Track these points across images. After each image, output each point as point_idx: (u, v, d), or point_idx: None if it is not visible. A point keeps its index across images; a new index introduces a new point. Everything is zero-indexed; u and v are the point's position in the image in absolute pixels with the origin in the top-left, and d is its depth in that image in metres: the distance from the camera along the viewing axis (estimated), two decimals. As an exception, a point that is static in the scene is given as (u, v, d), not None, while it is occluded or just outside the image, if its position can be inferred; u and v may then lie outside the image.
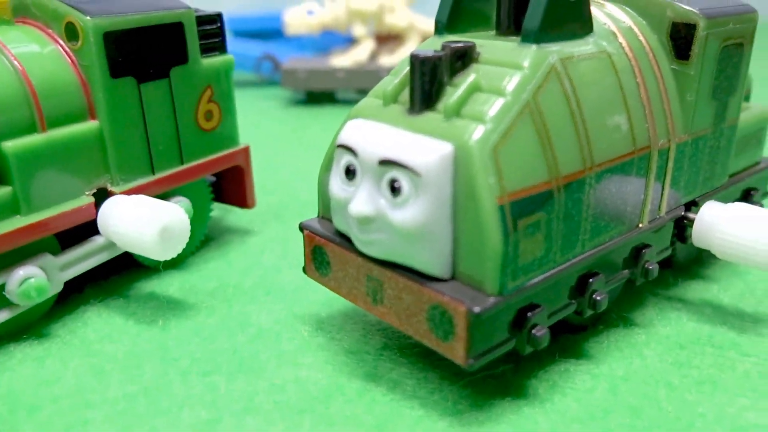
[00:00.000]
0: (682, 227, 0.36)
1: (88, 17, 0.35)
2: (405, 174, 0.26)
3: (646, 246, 0.34)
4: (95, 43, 0.35)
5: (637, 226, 0.33)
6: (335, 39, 1.05)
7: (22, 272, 0.34)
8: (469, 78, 0.28)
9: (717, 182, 0.38)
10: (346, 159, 0.29)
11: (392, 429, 0.28)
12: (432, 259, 0.27)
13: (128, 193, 0.38)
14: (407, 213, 0.26)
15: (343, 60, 0.95)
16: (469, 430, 0.28)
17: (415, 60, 0.28)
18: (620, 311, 0.37)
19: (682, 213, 0.36)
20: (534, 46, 0.28)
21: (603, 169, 0.29)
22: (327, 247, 0.32)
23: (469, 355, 0.26)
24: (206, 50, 0.42)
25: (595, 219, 0.30)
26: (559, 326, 0.35)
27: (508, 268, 0.26)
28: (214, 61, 0.43)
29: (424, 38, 1.01)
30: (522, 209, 0.26)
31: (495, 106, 0.26)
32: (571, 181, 0.28)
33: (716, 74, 0.34)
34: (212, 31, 0.43)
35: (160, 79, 0.39)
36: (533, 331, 0.28)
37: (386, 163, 0.27)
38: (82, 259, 0.37)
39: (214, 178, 0.48)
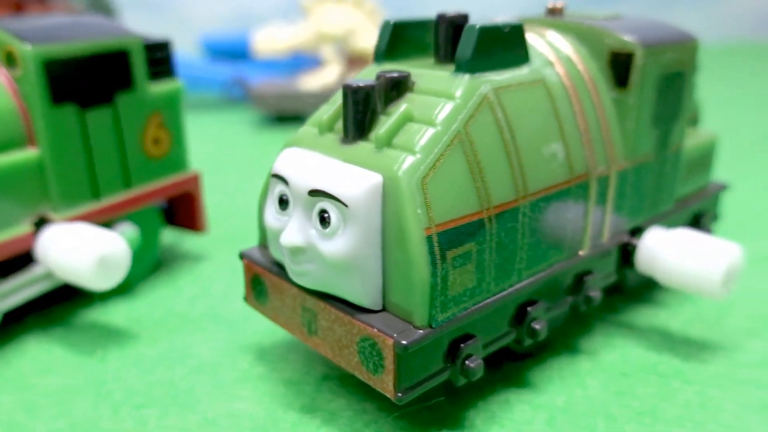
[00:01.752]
0: (627, 253, 0.36)
1: (28, 46, 0.35)
2: (333, 205, 0.26)
3: (589, 273, 0.34)
4: (35, 71, 0.35)
5: (578, 253, 0.33)
6: (306, 60, 1.05)
7: (-47, 304, 0.33)
8: (401, 108, 0.27)
9: (663, 207, 0.38)
10: (279, 188, 0.29)
11: (325, 464, 0.27)
12: (362, 291, 0.27)
13: (72, 220, 0.38)
14: (336, 244, 0.26)
15: (311, 82, 0.96)
16: (404, 465, 0.27)
17: (347, 89, 0.27)
18: (566, 338, 0.36)
19: (627, 239, 0.36)
20: (467, 76, 0.28)
21: (538, 198, 0.29)
22: (264, 276, 0.31)
23: (398, 389, 0.26)
24: (154, 76, 0.42)
25: (532, 248, 0.30)
26: (503, 354, 0.34)
27: (437, 300, 0.26)
28: (162, 87, 0.43)
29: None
30: (451, 240, 0.26)
31: (425, 136, 0.26)
32: (503, 210, 0.28)
33: (656, 102, 0.34)
34: (161, 57, 0.43)
35: (104, 105, 0.39)
36: (467, 362, 0.28)
37: (316, 193, 0.27)
38: (21, 289, 0.36)
39: (165, 204, 0.47)
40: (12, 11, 0.74)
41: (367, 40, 0.97)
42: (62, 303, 0.41)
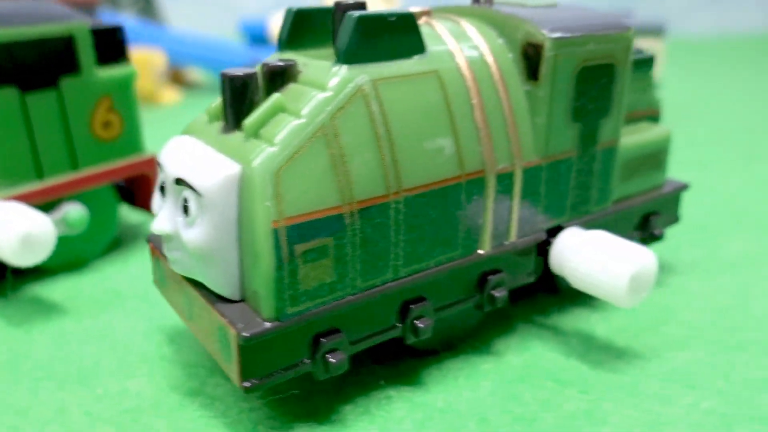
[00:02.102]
0: (545, 252, 0.35)
1: (-38, 29, 0.36)
2: (192, 194, 0.26)
3: (495, 272, 0.33)
4: (-29, 54, 0.37)
5: (477, 251, 0.32)
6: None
7: None
8: (273, 98, 0.27)
9: (594, 207, 0.36)
10: (161, 175, 0.29)
11: (187, 448, 0.28)
12: (220, 280, 0.27)
13: (13, 198, 0.39)
14: (193, 233, 0.26)
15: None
16: (264, 455, 0.27)
17: (224, 78, 0.27)
18: (480, 338, 0.35)
19: (544, 238, 0.34)
20: (344, 67, 0.27)
21: (416, 194, 0.28)
22: (161, 261, 0.32)
23: (243, 378, 0.26)
24: (104, 61, 0.43)
25: (412, 244, 0.29)
26: (405, 349, 0.34)
27: (285, 293, 0.26)
28: (113, 71, 0.44)
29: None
30: (302, 234, 0.25)
31: (287, 128, 0.26)
32: (369, 206, 0.27)
33: (575, 96, 0.32)
34: (112, 42, 0.44)
35: (47, 89, 0.40)
36: (328, 357, 0.27)
37: (179, 181, 0.27)
38: (-40, 261, 0.39)
39: (122, 184, 0.48)
40: None
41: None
42: (15, 276, 0.43)
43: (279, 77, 0.28)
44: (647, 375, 0.32)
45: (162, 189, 0.29)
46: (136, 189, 0.48)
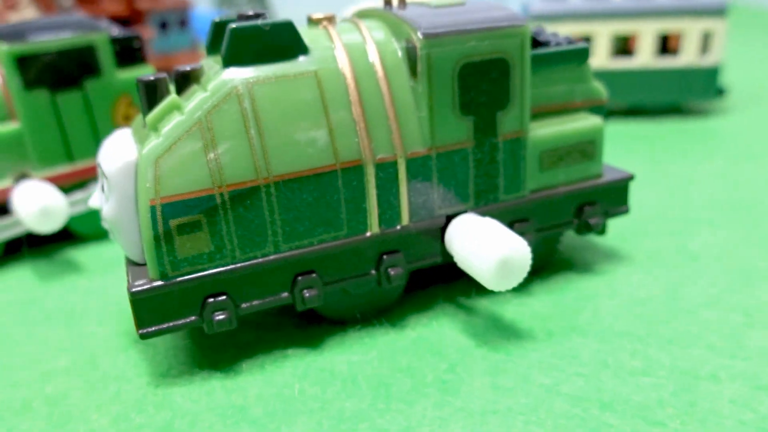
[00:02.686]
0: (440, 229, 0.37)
1: (4, 46, 0.46)
2: (104, 177, 0.33)
3: (392, 252, 0.36)
4: (9, 65, 0.46)
5: (365, 233, 0.35)
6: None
7: (-49, 234, 0.46)
8: (169, 98, 0.33)
9: (505, 195, 0.38)
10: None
11: (100, 383, 0.35)
12: (129, 246, 0.33)
13: (48, 178, 0.49)
14: (106, 207, 0.33)
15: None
16: (154, 388, 0.33)
17: (138, 83, 0.33)
18: (397, 313, 0.39)
19: (443, 223, 0.37)
20: (222, 71, 0.32)
21: (288, 179, 0.33)
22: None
23: (139, 327, 0.32)
24: (124, 64, 0.52)
25: (289, 223, 0.33)
26: (316, 316, 0.38)
27: (165, 259, 0.31)
28: (132, 72, 0.52)
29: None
30: (176, 211, 0.31)
31: (172, 122, 0.31)
32: (239, 188, 0.32)
33: (460, 91, 0.35)
34: (132, 49, 0.52)
35: (73, 88, 0.49)
36: (214, 315, 0.33)
37: (99, 167, 0.33)
38: (6, 229, 0.49)
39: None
40: (123, 5, 0.90)
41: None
42: (59, 242, 0.53)
43: (184, 79, 0.34)
44: (522, 356, 0.34)
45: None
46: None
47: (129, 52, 0.52)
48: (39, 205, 0.44)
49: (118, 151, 0.33)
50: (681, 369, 0.32)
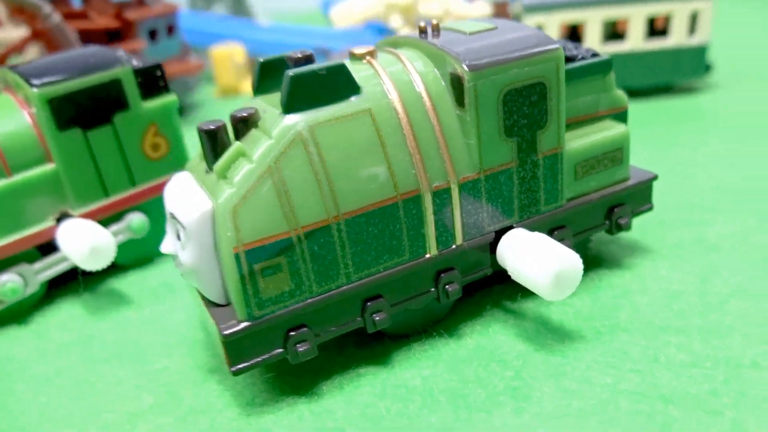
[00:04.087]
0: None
1: (35, 90, 0.46)
2: (180, 226, 0.34)
3: (448, 269, 0.38)
4: (42, 108, 0.47)
5: (425, 255, 0.37)
6: (376, 27, 1.11)
7: (3, 278, 0.47)
8: (235, 145, 0.34)
9: (545, 207, 0.41)
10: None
11: (198, 412, 0.37)
12: (210, 290, 0.35)
13: (86, 215, 0.50)
14: (184, 255, 0.35)
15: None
16: (251, 417, 0.36)
17: (200, 131, 0.35)
18: (451, 323, 0.41)
19: (492, 239, 0.39)
20: (284, 117, 0.34)
21: (356, 216, 0.35)
22: (183, 269, 0.41)
23: (231, 364, 0.34)
24: (148, 95, 0.52)
25: (359, 254, 0.35)
26: (376, 335, 0.41)
27: (251, 301, 0.33)
28: (156, 102, 0.53)
29: (461, 21, 1.04)
30: (258, 256, 0.33)
31: (242, 171, 0.33)
32: (313, 229, 0.34)
33: (503, 116, 0.37)
34: (154, 78, 0.53)
35: (104, 125, 0.50)
36: (297, 347, 0.35)
37: (172, 216, 0.35)
38: (53, 265, 0.50)
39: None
40: (112, 18, 0.89)
41: (432, 5, 0.99)
42: (96, 274, 0.54)
43: (243, 124, 0.36)
44: (578, 358, 0.37)
45: (171, 217, 0.37)
46: (189, 195, 0.58)
47: (152, 83, 0.53)
48: (89, 244, 0.46)
49: (192, 201, 0.34)
50: (724, 359, 0.36)
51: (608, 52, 0.80)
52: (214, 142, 0.35)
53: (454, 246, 0.38)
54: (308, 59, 0.36)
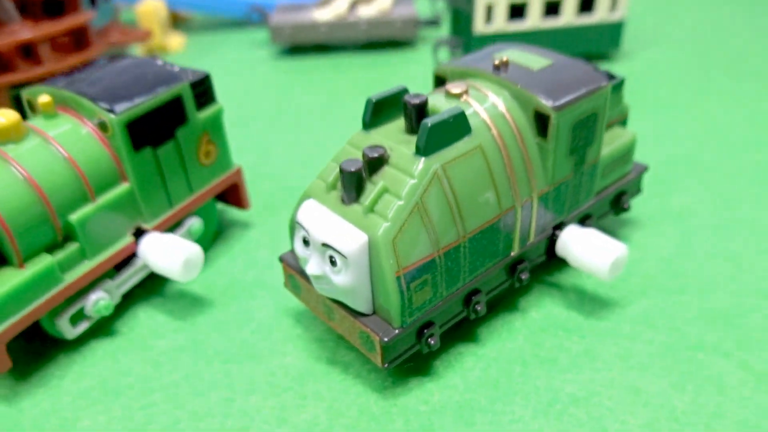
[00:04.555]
0: (552, 242, 0.50)
1: (114, 115, 0.48)
2: (338, 254, 0.41)
3: (521, 262, 0.48)
4: (121, 132, 0.48)
5: (510, 254, 0.47)
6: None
7: (93, 297, 0.50)
8: (379, 183, 0.41)
9: (583, 203, 0.51)
10: (302, 233, 0.43)
11: (342, 401, 0.44)
12: (360, 303, 0.42)
13: (156, 227, 0.53)
14: (341, 278, 0.41)
15: (324, 14, 1.04)
16: (388, 399, 0.44)
17: (343, 171, 0.41)
18: (509, 299, 0.52)
19: (551, 233, 0.50)
20: (422, 159, 0.41)
21: (475, 234, 0.43)
22: (297, 278, 0.47)
23: (383, 362, 0.42)
24: (200, 106, 0.55)
25: (473, 262, 0.44)
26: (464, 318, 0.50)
27: (406, 312, 0.41)
28: (207, 112, 0.55)
29: (399, -14, 1.08)
30: (413, 276, 0.41)
31: (394, 208, 0.40)
32: (449, 249, 0.42)
33: (570, 142, 0.46)
34: (204, 89, 0.55)
35: (169, 141, 0.52)
36: (429, 340, 0.44)
37: (326, 245, 0.41)
38: (131, 278, 0.53)
39: (217, 191, 0.62)
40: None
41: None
42: (155, 275, 0.57)
43: (377, 163, 0.42)
44: (621, 319, 0.49)
45: (305, 242, 0.43)
46: (226, 191, 0.62)
47: (204, 94, 0.55)
48: (183, 257, 0.49)
49: (350, 233, 0.40)
50: (720, 311, 0.50)
51: (546, 27, 0.91)
52: (356, 182, 0.41)
53: (528, 243, 0.48)
54: (424, 103, 0.43)
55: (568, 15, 0.91)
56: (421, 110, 0.43)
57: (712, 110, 0.81)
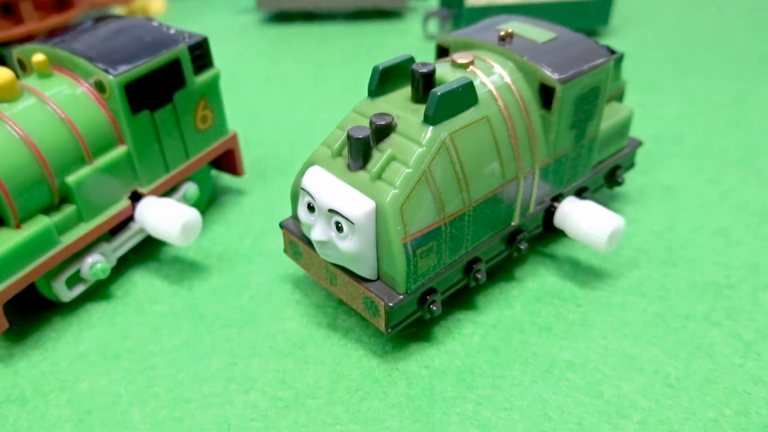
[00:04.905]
0: (550, 213, 0.51)
1: (112, 76, 0.47)
2: (345, 220, 0.41)
3: (520, 232, 0.49)
4: (119, 94, 0.47)
5: (511, 223, 0.48)
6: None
7: (90, 260, 0.49)
8: (387, 151, 0.41)
9: (580, 176, 0.52)
10: (307, 198, 0.43)
11: (344, 365, 0.45)
12: (365, 269, 0.42)
13: (152, 191, 0.52)
14: (347, 243, 0.41)
15: (312, -20, 1.03)
16: (390, 363, 0.45)
17: (351, 138, 0.41)
18: (506, 269, 0.53)
19: (549, 204, 0.51)
20: (431, 128, 0.41)
21: (480, 203, 0.44)
22: (299, 244, 0.47)
23: (387, 327, 0.43)
24: (198, 70, 0.54)
25: (475, 231, 0.45)
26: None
27: (411, 277, 0.42)
28: (204, 77, 0.55)
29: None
30: (419, 243, 0.41)
31: (402, 175, 0.40)
32: (454, 217, 0.42)
33: (573, 115, 0.47)
34: (202, 53, 0.54)
35: (167, 104, 0.51)
36: (431, 306, 0.44)
37: (333, 211, 0.41)
38: (127, 241, 0.52)
39: (211, 157, 0.61)
40: None
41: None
42: (151, 241, 0.57)
43: (385, 130, 0.42)
44: (615, 290, 0.51)
45: (310, 208, 0.43)
46: (221, 157, 0.61)
47: (201, 58, 0.54)
48: (181, 222, 0.49)
49: (357, 199, 0.40)
50: (711, 284, 0.51)
51: (538, 2, 0.91)
52: (363, 148, 0.41)
53: (527, 214, 0.49)
54: (432, 72, 0.43)
55: (559, -10, 0.91)
56: (428, 79, 0.43)
57: (698, 89, 0.83)
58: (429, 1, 1.13)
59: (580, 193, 0.54)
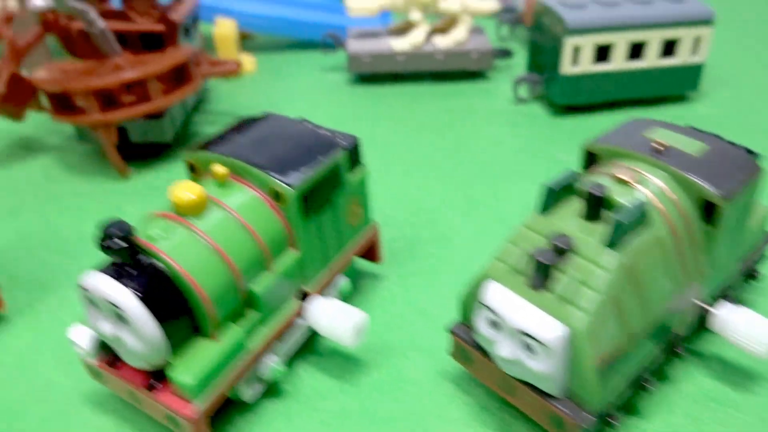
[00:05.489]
0: (702, 316, 0.53)
1: (292, 189, 0.50)
2: (537, 343, 0.43)
3: (677, 336, 0.51)
4: (297, 203, 0.50)
5: (672, 332, 0.50)
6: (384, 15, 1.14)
7: (268, 361, 0.51)
8: (569, 273, 0.43)
9: (729, 280, 0.54)
10: (490, 315, 0.45)
11: None
12: (551, 387, 0.44)
13: (316, 288, 0.55)
14: (538, 364, 0.43)
15: (402, 44, 1.06)
16: None
17: (537, 262, 0.43)
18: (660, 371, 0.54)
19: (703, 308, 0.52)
20: (614, 253, 0.43)
21: (656, 322, 0.46)
22: (472, 352, 0.49)
23: (576, 440, 0.45)
24: (352, 169, 0.57)
25: (650, 347, 0.47)
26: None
27: (603, 400, 0.44)
28: (356, 175, 0.57)
29: (474, 17, 1.10)
30: (608, 366, 0.43)
31: (591, 299, 0.42)
32: (637, 338, 0.44)
33: (733, 228, 0.49)
34: (355, 155, 0.57)
35: (328, 206, 0.54)
36: (610, 419, 0.46)
37: (524, 332, 0.43)
38: (298, 340, 0.55)
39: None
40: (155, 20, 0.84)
41: (451, 2, 1.05)
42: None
43: (564, 252, 0.44)
44: (768, 390, 0.52)
45: (493, 324, 0.45)
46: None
47: (354, 159, 0.57)
48: (352, 324, 0.51)
49: (550, 324, 0.42)
50: None
51: (629, 68, 0.93)
52: (547, 270, 0.43)
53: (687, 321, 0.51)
54: (603, 196, 0.45)
55: (651, 58, 0.93)
56: (601, 200, 0.45)
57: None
58: (512, 60, 1.16)
59: (725, 294, 0.55)
